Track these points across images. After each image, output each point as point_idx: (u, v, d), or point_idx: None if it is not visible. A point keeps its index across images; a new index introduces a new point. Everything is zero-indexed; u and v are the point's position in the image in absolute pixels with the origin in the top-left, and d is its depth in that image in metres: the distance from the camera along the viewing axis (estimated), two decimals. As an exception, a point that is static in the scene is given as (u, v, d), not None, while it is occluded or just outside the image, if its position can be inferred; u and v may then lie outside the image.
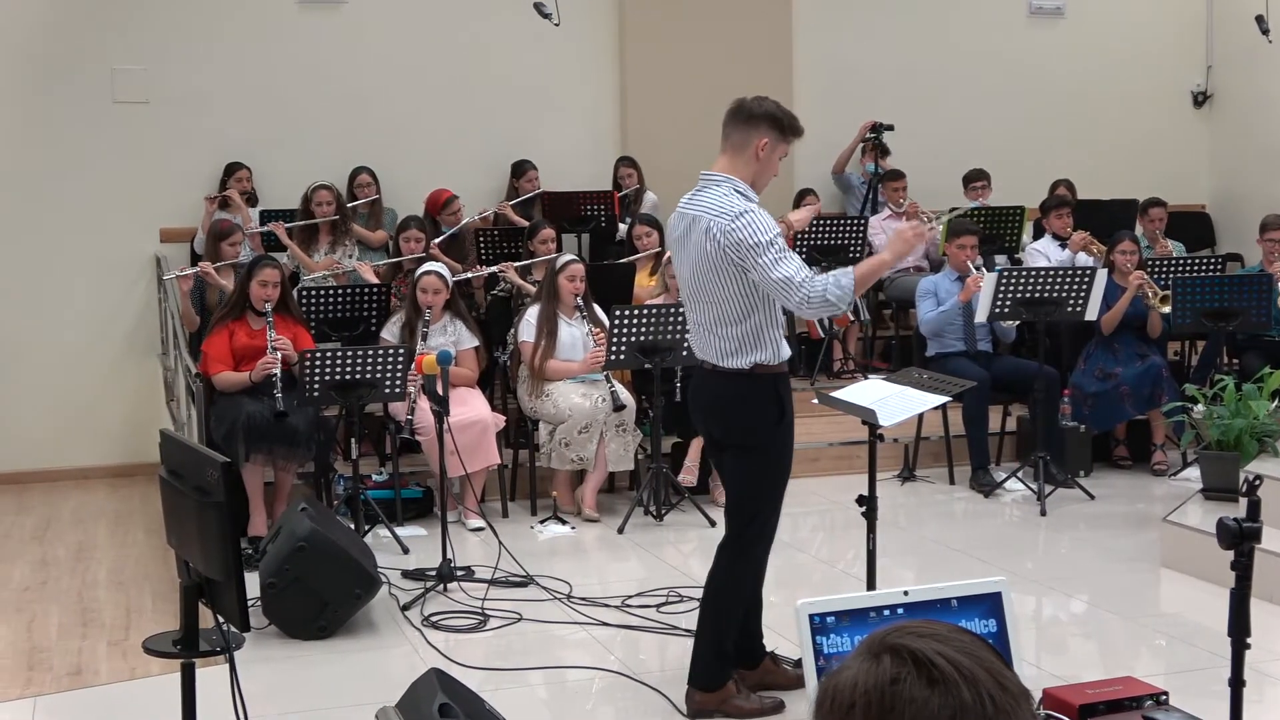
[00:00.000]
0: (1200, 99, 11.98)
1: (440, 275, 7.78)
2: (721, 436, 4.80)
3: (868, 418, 4.84)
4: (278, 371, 7.08)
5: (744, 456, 4.72)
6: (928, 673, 1.42)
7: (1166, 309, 8.37)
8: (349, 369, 6.98)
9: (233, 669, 3.50)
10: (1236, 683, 3.55)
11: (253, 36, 9.74)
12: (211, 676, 3.81)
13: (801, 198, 10.19)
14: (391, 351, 7.12)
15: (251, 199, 9.41)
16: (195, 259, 8.86)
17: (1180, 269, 9.01)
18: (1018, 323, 8.49)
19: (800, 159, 9.67)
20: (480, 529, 7.31)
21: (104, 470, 9.29)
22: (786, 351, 4.72)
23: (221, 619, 3.46)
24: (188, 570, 3.50)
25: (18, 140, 9.28)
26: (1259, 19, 10.65)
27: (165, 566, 6.69)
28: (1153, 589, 6.42)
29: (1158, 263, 9.06)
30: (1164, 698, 3.34)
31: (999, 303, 7.89)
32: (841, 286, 4.52)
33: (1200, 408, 7.29)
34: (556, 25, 9.40)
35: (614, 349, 7.42)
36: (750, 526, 4.75)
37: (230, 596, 3.30)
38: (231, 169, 9.43)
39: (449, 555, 6.33)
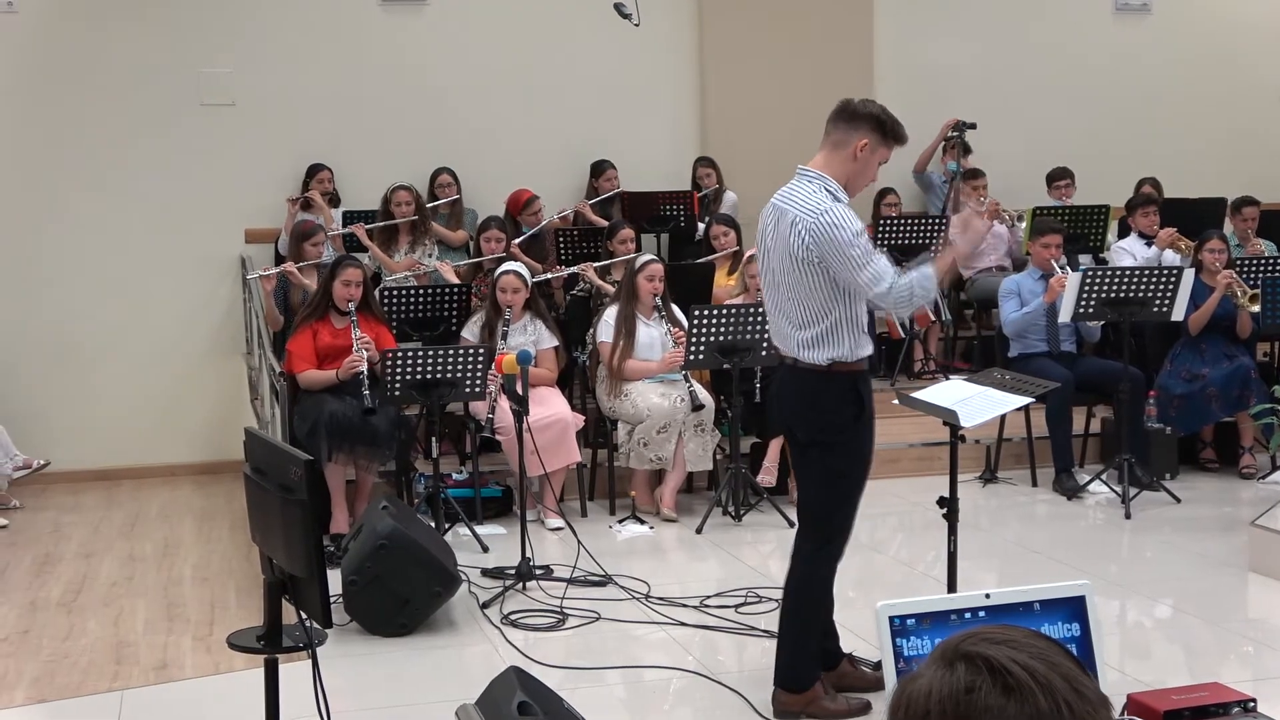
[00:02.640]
0: (1291, 95, 11.76)
1: (519, 275, 7.82)
2: (802, 434, 4.79)
3: (949, 418, 4.80)
4: (364, 369, 7.15)
5: (824, 454, 4.70)
6: (1003, 680, 1.40)
7: (1256, 308, 8.23)
8: (430, 368, 7.04)
9: (315, 665, 3.53)
10: (1327, 690, 3.48)
11: (336, 38, 9.85)
12: (294, 672, 3.86)
13: (883, 197, 10.14)
14: (472, 351, 7.17)
15: (334, 199, 9.52)
16: (279, 259, 8.97)
17: (1271, 268, 8.85)
18: (1102, 323, 8.38)
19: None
20: (559, 528, 7.33)
21: (190, 467, 9.44)
22: (866, 349, 4.70)
23: (304, 615, 3.49)
24: (271, 567, 3.54)
25: (106, 141, 9.45)
26: (1352, 13, 10.44)
27: (249, 563, 6.78)
28: (1240, 594, 6.32)
29: (1248, 262, 8.90)
30: (1251, 704, 3.29)
31: (1083, 302, 7.79)
32: (925, 283, 4.58)
33: (1290, 410, 7.16)
34: (636, 25, 9.40)
35: (693, 349, 7.42)
36: (826, 526, 4.73)
37: (313, 593, 3.34)
38: (313, 170, 9.54)
39: (528, 554, 6.35)
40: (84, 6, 9.46)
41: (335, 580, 5.53)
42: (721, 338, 7.38)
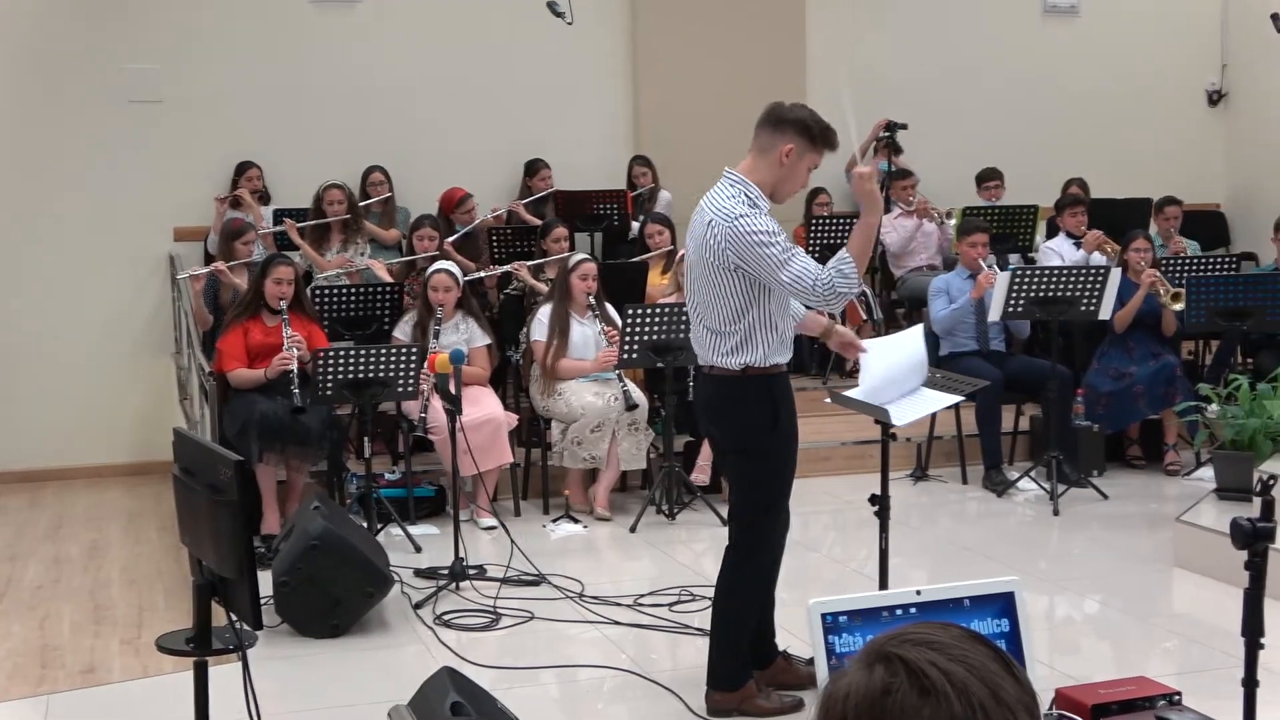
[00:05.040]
0: (1215, 98, 11.95)
1: (451, 273, 7.79)
2: (721, 441, 4.80)
3: (881, 417, 4.84)
4: (294, 368, 7.09)
5: (744, 460, 4.71)
6: (919, 683, 1.41)
7: (1179, 306, 8.34)
8: (362, 368, 7.00)
9: (245, 667, 3.50)
10: (1250, 683, 3.54)
11: (267, 36, 9.76)
12: (224, 675, 3.82)
13: (814, 196, 10.19)
14: (404, 350, 7.13)
15: (264, 197, 9.43)
16: (208, 258, 8.88)
17: (1194, 268, 8.99)
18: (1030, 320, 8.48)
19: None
20: (492, 528, 7.31)
21: (117, 469, 9.32)
22: (781, 356, 4.66)
23: (234, 617, 3.46)
24: (200, 568, 3.50)
25: (31, 138, 9.31)
26: (1274, 17, 10.61)
27: (178, 564, 6.70)
28: (1166, 589, 6.41)
29: (1172, 261, 9.03)
30: (1177, 698, 3.33)
31: (1012, 302, 7.88)
32: (845, 272, 4.47)
33: (1214, 407, 7.27)
34: (570, 24, 9.40)
35: (626, 348, 7.42)
36: (754, 530, 4.73)
37: (243, 595, 3.31)
38: (242, 168, 9.45)
39: (461, 554, 6.33)
40: (8, 2, 9.31)
41: (266, 581, 5.48)
42: (655, 337, 7.39)
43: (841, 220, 9.61)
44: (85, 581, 6.78)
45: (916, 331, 5.17)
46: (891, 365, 4.92)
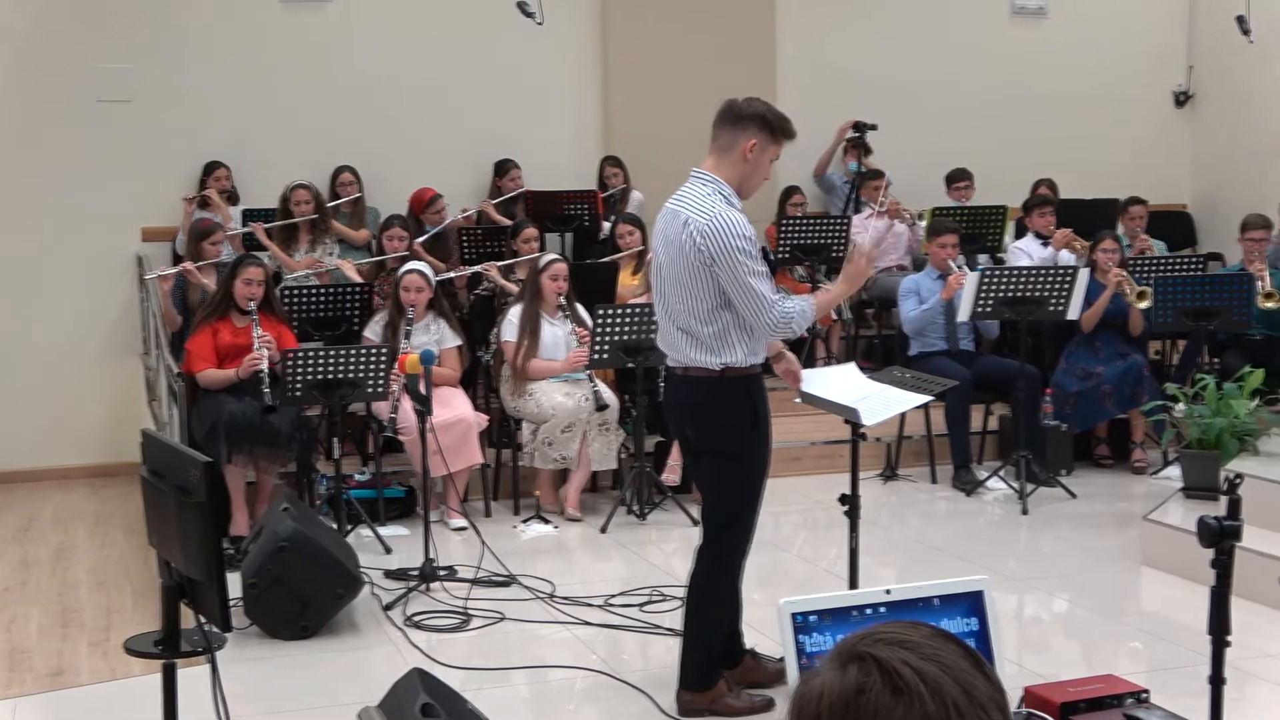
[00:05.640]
0: (1182, 99, 12.02)
1: (423, 274, 7.77)
2: (697, 442, 4.78)
3: (850, 417, 4.85)
4: (265, 367, 7.06)
5: (720, 461, 4.70)
6: (892, 682, 1.41)
7: (1144, 304, 8.39)
8: (331, 368, 6.97)
9: (214, 669, 3.49)
10: (1217, 680, 3.56)
11: (237, 36, 9.71)
12: (193, 677, 3.80)
13: (788, 196, 10.21)
14: (374, 351, 7.11)
15: (232, 197, 9.38)
16: (177, 259, 8.83)
17: (1161, 268, 9.04)
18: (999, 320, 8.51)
19: (784, 157, 9.61)
20: (463, 528, 7.30)
21: (85, 470, 9.26)
22: (760, 355, 4.69)
23: (203, 619, 3.44)
24: (169, 570, 3.49)
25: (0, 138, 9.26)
26: (1240, 19, 10.68)
27: (146, 566, 6.67)
28: (1134, 587, 6.44)
29: (1139, 262, 9.08)
30: (1145, 695, 3.35)
31: (981, 302, 7.91)
32: (804, 313, 4.61)
33: (1181, 407, 7.31)
34: (540, 24, 9.40)
35: (597, 348, 7.42)
36: (729, 531, 4.73)
37: (212, 597, 3.29)
38: (210, 168, 9.40)
39: (431, 555, 6.32)
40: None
41: (235, 583, 5.46)
42: (626, 337, 7.39)
43: (814, 220, 9.62)
44: (53, 584, 6.74)
45: (849, 366, 5.27)
46: (832, 384, 5.01)
